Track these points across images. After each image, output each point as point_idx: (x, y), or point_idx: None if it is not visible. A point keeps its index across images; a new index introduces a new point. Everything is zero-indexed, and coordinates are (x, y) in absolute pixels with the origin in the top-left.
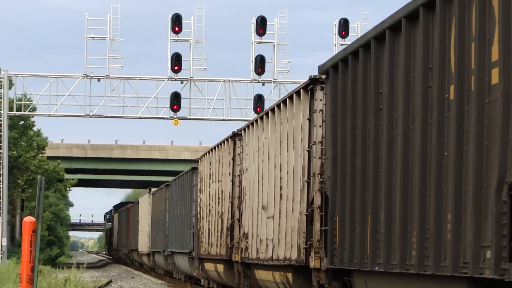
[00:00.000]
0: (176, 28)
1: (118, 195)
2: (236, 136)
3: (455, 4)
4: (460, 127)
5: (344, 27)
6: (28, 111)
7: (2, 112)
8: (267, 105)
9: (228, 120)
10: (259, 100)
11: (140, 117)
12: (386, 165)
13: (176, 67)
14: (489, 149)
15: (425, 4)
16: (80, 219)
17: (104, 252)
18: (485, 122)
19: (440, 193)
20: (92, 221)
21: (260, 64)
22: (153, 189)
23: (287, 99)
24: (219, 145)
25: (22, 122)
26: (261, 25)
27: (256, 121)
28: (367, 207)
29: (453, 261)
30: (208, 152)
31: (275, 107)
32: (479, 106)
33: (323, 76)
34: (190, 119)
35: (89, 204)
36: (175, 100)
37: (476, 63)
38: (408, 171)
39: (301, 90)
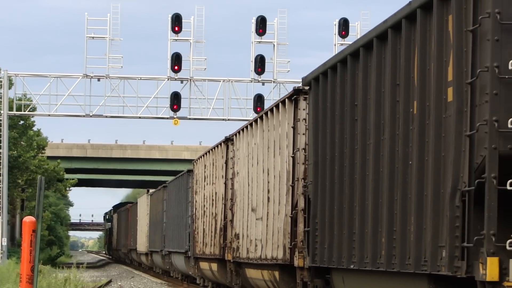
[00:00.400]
0: (176, 28)
1: (118, 195)
2: (228, 141)
3: (418, 28)
4: (422, 139)
5: (344, 27)
6: (28, 111)
7: (2, 112)
8: (267, 105)
9: (228, 120)
10: (259, 100)
11: (140, 117)
12: (360, 172)
13: (176, 67)
14: (445, 159)
15: (393, 26)
16: (80, 219)
17: (104, 252)
18: (442, 135)
19: (405, 198)
20: (92, 221)
21: (260, 64)
22: (151, 190)
23: (274, 107)
24: (213, 149)
25: (22, 122)
26: (261, 25)
27: (246, 127)
28: (344, 210)
29: (415, 259)
30: (203, 155)
31: (263, 114)
32: (437, 121)
33: (306, 87)
34: (190, 119)
35: (89, 204)
36: (175, 100)
37: (434, 82)
38: (379, 178)
39: (286, 99)
